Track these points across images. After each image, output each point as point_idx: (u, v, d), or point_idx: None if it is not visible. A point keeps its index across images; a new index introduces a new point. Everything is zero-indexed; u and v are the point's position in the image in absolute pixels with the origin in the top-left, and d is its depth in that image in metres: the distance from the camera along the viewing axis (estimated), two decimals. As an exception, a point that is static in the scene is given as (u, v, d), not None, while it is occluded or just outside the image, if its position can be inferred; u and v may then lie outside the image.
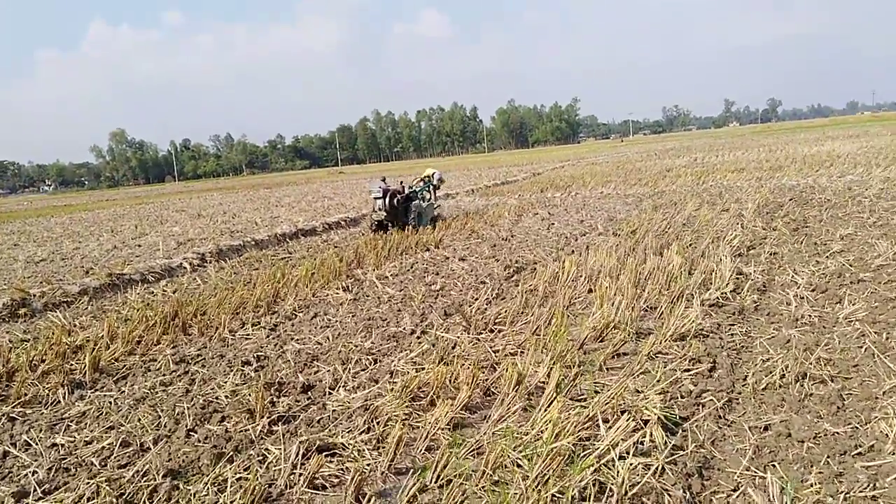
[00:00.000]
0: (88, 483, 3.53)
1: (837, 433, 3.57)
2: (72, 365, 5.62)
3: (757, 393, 4.18)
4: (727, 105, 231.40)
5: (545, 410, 3.78)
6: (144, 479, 3.56)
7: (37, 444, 4.14)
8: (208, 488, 3.44)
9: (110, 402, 4.79)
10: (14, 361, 5.72)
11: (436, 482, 3.31)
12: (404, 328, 6.10)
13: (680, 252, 7.88)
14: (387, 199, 12.66)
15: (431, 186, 14.71)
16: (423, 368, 4.85)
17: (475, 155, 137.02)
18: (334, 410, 4.36)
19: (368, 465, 3.58)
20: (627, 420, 3.53)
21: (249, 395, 4.57)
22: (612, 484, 3.13)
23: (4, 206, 58.05)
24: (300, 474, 3.48)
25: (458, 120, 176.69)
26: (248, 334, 6.38)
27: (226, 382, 4.99)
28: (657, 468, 3.24)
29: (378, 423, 4.04)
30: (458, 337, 5.60)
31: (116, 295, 9.00)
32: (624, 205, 14.73)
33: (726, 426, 3.79)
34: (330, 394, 4.66)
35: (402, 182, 13.74)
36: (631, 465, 3.24)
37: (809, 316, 5.57)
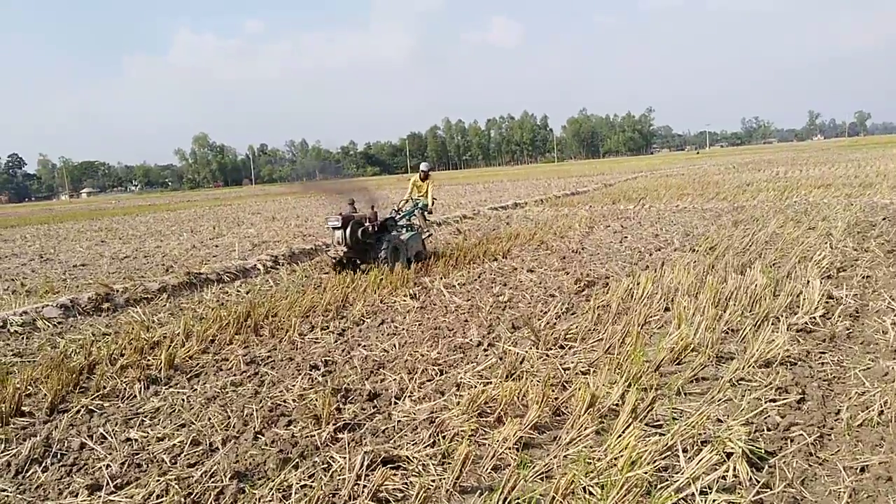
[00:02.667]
0: (159, 480, 3.58)
1: (948, 480, 3.24)
2: (149, 360, 5.79)
3: (852, 429, 3.85)
4: (811, 117, 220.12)
5: (620, 436, 3.59)
6: (212, 479, 3.59)
7: (112, 437, 4.26)
8: (273, 494, 3.43)
9: (183, 400, 4.89)
10: (96, 354, 5.96)
11: (503, 505, 3.18)
12: (471, 339, 6.00)
13: (764, 272, 7.47)
14: (348, 231, 9.63)
15: (419, 210, 11.76)
16: (490, 383, 4.73)
17: (545, 164, 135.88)
18: (399, 421, 4.30)
19: (433, 481, 3.49)
20: (710, 452, 3.31)
21: (316, 400, 4.56)
22: (693, 521, 2.93)
23: (94, 204, 61.64)
24: (364, 486, 3.42)
25: (528, 129, 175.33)
26: (317, 338, 6.43)
27: (294, 386, 5.02)
28: (743, 507, 3.01)
29: (444, 437, 3.95)
30: (527, 351, 5.46)
31: (193, 293, 9.29)
32: (701, 219, 14.18)
33: (818, 464, 3.50)
34: (395, 403, 4.61)
35: (373, 207, 10.55)
36: (714, 501, 3.03)
37: (910, 347, 5.14)
